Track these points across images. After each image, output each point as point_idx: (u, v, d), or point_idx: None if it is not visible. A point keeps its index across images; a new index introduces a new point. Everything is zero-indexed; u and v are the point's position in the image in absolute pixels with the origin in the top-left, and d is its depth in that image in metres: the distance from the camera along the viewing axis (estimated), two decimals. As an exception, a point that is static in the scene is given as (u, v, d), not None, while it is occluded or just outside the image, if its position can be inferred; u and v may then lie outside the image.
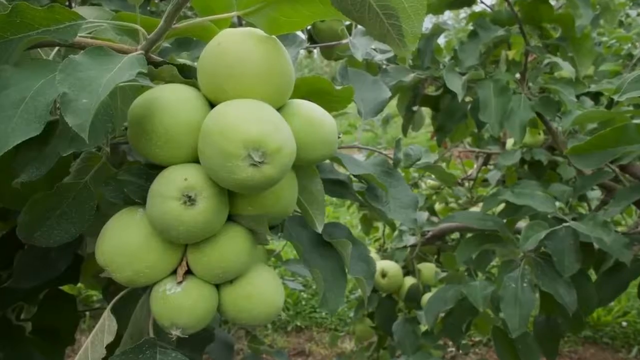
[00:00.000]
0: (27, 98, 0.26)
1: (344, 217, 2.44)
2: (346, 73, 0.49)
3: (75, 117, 0.24)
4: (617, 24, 1.21)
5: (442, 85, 0.91)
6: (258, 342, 0.92)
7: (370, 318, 1.05)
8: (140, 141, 0.30)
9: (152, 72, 0.30)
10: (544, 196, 0.73)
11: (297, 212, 0.37)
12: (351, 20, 0.28)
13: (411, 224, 0.41)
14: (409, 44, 0.27)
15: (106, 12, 0.35)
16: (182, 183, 0.29)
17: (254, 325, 0.39)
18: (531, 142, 0.96)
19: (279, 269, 1.46)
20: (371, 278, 0.39)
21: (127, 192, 0.31)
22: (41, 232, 0.31)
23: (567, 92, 0.79)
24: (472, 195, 1.25)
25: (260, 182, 0.28)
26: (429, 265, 1.02)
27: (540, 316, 0.80)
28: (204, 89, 0.31)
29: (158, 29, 0.30)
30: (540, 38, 0.87)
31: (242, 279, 0.33)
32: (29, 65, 0.28)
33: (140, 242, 0.30)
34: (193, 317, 0.31)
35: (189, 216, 0.29)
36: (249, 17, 0.30)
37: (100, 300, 0.92)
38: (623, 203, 0.69)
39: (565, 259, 0.68)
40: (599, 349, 1.70)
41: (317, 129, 0.32)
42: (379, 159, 0.45)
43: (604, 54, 1.08)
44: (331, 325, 1.89)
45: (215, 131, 0.28)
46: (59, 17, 0.29)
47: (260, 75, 0.30)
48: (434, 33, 0.90)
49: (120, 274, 0.30)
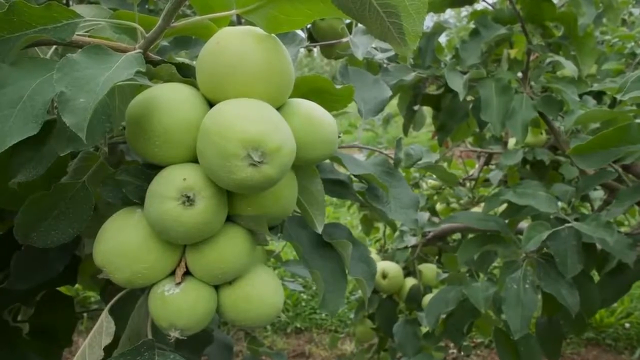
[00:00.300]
0: (25, 97, 0.26)
1: (344, 218, 2.44)
2: (346, 72, 0.48)
3: (73, 117, 0.24)
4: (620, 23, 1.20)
5: (443, 84, 0.90)
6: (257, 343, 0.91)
7: (370, 319, 1.05)
8: (139, 141, 0.30)
9: (151, 71, 0.30)
10: (546, 196, 0.72)
11: (297, 212, 0.37)
12: (351, 18, 0.28)
13: (412, 224, 0.41)
14: (410, 42, 0.27)
15: (104, 10, 0.35)
16: (180, 183, 0.28)
17: (253, 326, 0.38)
18: (533, 141, 0.96)
19: (279, 270, 1.45)
20: (372, 279, 0.39)
21: (125, 192, 0.31)
22: (38, 233, 0.31)
23: (569, 91, 0.78)
24: (473, 195, 1.24)
25: (260, 182, 0.27)
26: (430, 266, 1.01)
27: (543, 317, 0.80)
28: (202, 88, 0.31)
29: (156, 27, 0.30)
30: (543, 37, 0.86)
31: (241, 280, 0.33)
32: (26, 64, 0.27)
33: (139, 242, 0.30)
34: (192, 319, 0.31)
35: (188, 217, 0.28)
36: (248, 16, 0.30)
37: (98, 301, 0.92)
38: (626, 203, 0.68)
39: (567, 259, 0.67)
40: (602, 350, 1.69)
41: (317, 128, 0.32)
42: (379, 159, 0.44)
43: (607, 52, 1.07)
44: (331, 327, 1.88)
45: (214, 131, 0.28)
46: (56, 16, 0.28)
47: (260, 74, 0.30)
48: (435, 31, 0.89)
49: (118, 275, 0.30)
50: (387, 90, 0.49)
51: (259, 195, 0.31)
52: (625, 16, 1.29)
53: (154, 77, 0.31)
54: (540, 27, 0.85)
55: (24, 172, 0.29)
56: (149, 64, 0.29)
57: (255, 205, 0.31)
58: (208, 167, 0.28)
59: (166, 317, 0.30)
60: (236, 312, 0.33)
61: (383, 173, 0.43)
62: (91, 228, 0.32)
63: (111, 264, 0.30)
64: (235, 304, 0.33)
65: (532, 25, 0.84)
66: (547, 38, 0.86)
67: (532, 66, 0.86)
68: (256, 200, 0.31)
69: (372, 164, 0.43)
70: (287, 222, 0.38)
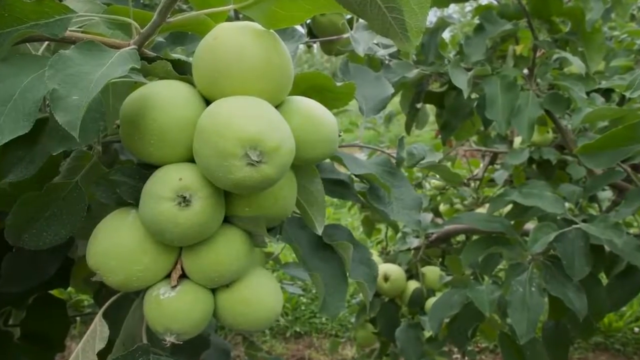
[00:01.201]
0: (16, 95, 0.26)
1: (344, 219, 2.42)
2: (347, 69, 0.48)
3: (66, 115, 0.23)
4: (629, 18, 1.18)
5: (447, 81, 0.89)
6: (256, 348, 0.90)
7: (372, 323, 1.03)
8: (133, 139, 0.29)
9: (146, 68, 0.29)
10: (553, 197, 0.71)
11: (296, 213, 0.37)
12: (352, 13, 0.27)
13: (415, 225, 0.40)
14: (412, 38, 0.26)
15: (98, 5, 0.34)
16: (176, 183, 0.28)
17: (251, 330, 0.38)
18: (540, 140, 0.94)
19: (277, 273, 1.44)
20: (373, 282, 0.38)
21: (119, 192, 0.30)
22: (30, 235, 0.31)
23: (577, 89, 0.77)
24: (478, 195, 1.23)
25: (258, 182, 0.27)
26: (433, 269, 1.00)
27: (549, 321, 0.78)
28: (199, 85, 0.30)
29: (151, 22, 0.29)
30: (549, 32, 0.84)
31: (239, 283, 0.32)
32: (17, 61, 0.27)
33: (133, 244, 0.30)
34: (188, 323, 0.30)
35: (184, 218, 0.28)
36: (246, 11, 0.29)
37: (92, 305, 0.89)
38: (635, 204, 0.67)
39: (575, 262, 0.66)
40: (610, 355, 1.66)
41: (317, 127, 0.31)
42: (381, 158, 0.44)
43: (615, 49, 1.05)
44: (331, 331, 1.86)
45: (211, 129, 0.27)
46: (48, 11, 0.28)
47: (258, 71, 0.29)
48: (438, 27, 0.88)
49: (112, 277, 0.30)
50: (389, 87, 0.48)
51: (257, 196, 0.30)
52: (635, 11, 1.27)
53: (149, 74, 0.31)
54: (546, 22, 0.83)
55: (15, 171, 0.28)
56: (144, 60, 0.29)
57: (253, 205, 0.31)
58: (205, 166, 0.28)
59: (161, 321, 0.30)
60: (234, 316, 0.32)
61: (385, 173, 0.42)
62: (84, 229, 0.31)
63: (105, 267, 0.30)
64: (232, 307, 0.32)
65: (538, 21, 0.82)
66: (553, 34, 0.85)
67: (539, 63, 0.85)
68: (254, 201, 0.31)
69: (373, 164, 0.42)
70: (286, 224, 0.37)
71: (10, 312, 0.48)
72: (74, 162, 0.33)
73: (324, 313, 0.35)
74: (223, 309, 0.32)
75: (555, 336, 0.77)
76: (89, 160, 0.33)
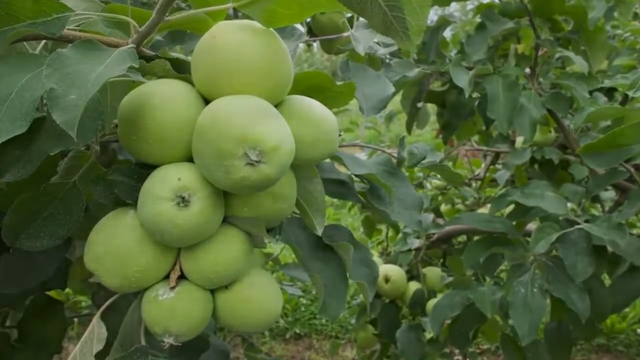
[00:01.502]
0: (13, 94, 0.25)
1: (345, 219, 2.41)
2: (347, 68, 0.47)
3: (63, 114, 0.23)
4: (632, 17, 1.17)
5: (448, 80, 0.88)
6: (255, 350, 0.89)
7: (372, 325, 1.02)
8: (131, 139, 0.29)
9: (144, 67, 0.29)
10: (555, 197, 0.70)
11: (296, 213, 0.36)
12: (353, 12, 0.27)
13: (416, 226, 0.40)
14: (413, 37, 0.26)
15: (95, 3, 0.34)
16: (175, 183, 0.28)
17: (250, 332, 0.37)
18: (542, 140, 0.94)
19: (277, 274, 1.44)
20: (373, 283, 0.38)
21: (117, 192, 0.30)
22: (27, 235, 0.31)
23: (579, 88, 0.76)
24: (479, 196, 1.22)
25: (257, 182, 0.26)
26: (434, 270, 0.99)
27: (551, 323, 0.78)
28: (198, 84, 0.30)
29: (150, 21, 0.29)
30: (551, 31, 0.84)
31: (238, 284, 0.32)
32: (14, 60, 0.27)
33: (131, 245, 0.29)
34: (186, 324, 0.30)
35: (183, 218, 0.27)
36: (245, 9, 0.29)
37: (89, 306, 0.89)
38: (638, 204, 0.66)
39: (577, 263, 0.65)
40: (613, 357, 1.65)
41: (317, 126, 0.31)
42: (382, 158, 0.43)
43: (618, 47, 1.04)
44: (332, 333, 1.85)
45: (209, 129, 0.27)
46: (46, 9, 0.28)
47: (257, 70, 0.29)
48: (439, 25, 0.87)
49: (110, 279, 0.29)
50: (390, 86, 0.48)
51: (257, 196, 0.30)
52: (638, 10, 1.26)
53: (148, 73, 0.30)
54: (549, 20, 0.83)
55: (12, 171, 0.28)
56: (142, 59, 0.28)
57: (252, 206, 0.30)
58: (204, 166, 0.28)
59: (160, 323, 0.29)
60: (233, 317, 0.32)
61: (385, 173, 0.42)
62: (82, 230, 0.31)
63: (103, 267, 0.29)
64: (231, 308, 0.32)
65: (540, 19, 0.82)
66: (556, 32, 0.84)
67: (541, 62, 0.84)
68: (254, 201, 0.30)
69: (374, 164, 0.42)
70: (285, 224, 0.37)
71: (7, 313, 0.48)
72: (72, 162, 0.33)
73: (324, 314, 0.35)
74: (222, 310, 0.32)
75: (558, 338, 0.76)
76: (86, 160, 0.33)
